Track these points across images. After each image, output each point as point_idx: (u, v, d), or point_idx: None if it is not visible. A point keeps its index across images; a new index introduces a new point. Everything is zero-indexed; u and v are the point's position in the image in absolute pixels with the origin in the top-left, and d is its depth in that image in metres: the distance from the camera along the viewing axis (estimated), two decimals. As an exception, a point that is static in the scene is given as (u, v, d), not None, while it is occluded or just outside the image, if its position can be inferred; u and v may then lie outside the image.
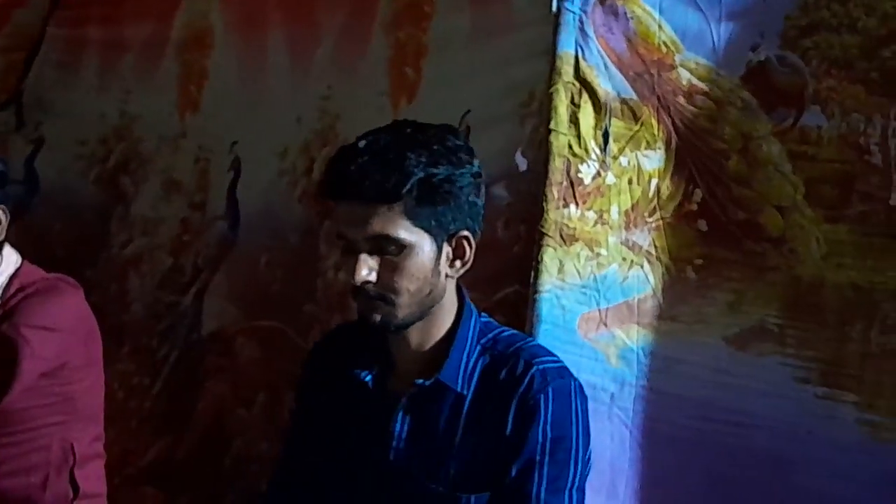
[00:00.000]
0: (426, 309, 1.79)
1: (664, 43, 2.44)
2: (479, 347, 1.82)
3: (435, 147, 1.74)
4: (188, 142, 3.54)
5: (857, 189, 2.37)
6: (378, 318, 1.76)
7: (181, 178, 3.54)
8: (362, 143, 1.74)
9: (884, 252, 2.35)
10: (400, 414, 1.81)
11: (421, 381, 1.80)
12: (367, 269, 1.73)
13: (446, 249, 1.78)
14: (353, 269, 1.73)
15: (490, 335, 1.84)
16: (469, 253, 1.80)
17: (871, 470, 2.30)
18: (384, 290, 1.75)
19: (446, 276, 1.80)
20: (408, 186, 1.71)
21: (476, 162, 1.79)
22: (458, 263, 1.80)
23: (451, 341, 1.81)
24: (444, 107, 2.59)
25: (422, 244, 1.75)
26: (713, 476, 2.38)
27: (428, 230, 1.75)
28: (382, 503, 1.82)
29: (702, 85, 2.44)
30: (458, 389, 1.79)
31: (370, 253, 1.73)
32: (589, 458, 1.79)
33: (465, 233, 1.79)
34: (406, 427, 1.81)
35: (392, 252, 1.74)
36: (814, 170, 2.40)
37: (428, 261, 1.76)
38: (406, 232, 1.73)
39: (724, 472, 2.37)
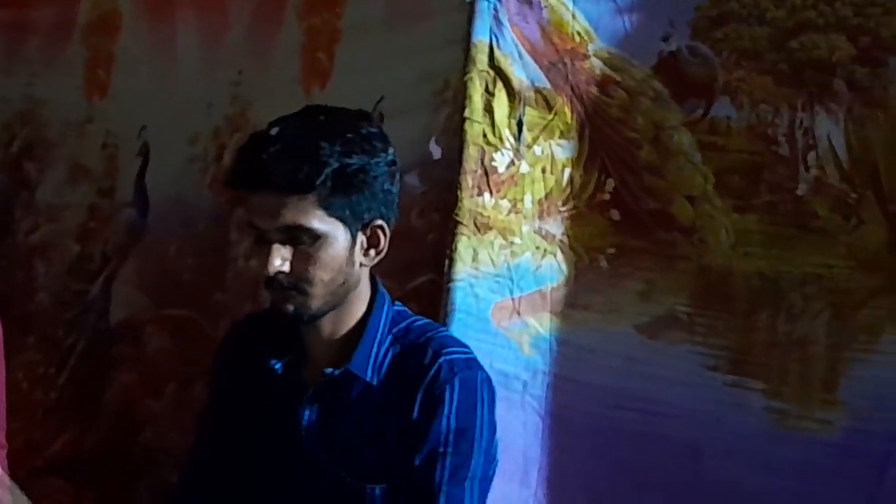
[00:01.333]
0: (340, 299, 1.78)
1: (577, 32, 2.44)
2: (390, 337, 1.83)
3: (349, 135, 1.73)
4: (95, 127, 3.47)
5: (765, 179, 2.41)
6: (291, 308, 1.75)
7: (88, 163, 3.47)
8: (274, 131, 1.72)
9: (791, 242, 2.39)
10: (309, 402, 1.81)
11: (330, 370, 1.79)
12: (279, 260, 1.72)
13: (360, 238, 1.77)
14: (265, 260, 1.71)
15: (402, 324, 1.84)
16: (383, 242, 1.79)
17: (778, 457, 2.34)
18: (297, 281, 1.73)
19: (360, 265, 1.79)
20: (321, 177, 1.69)
21: (391, 150, 1.78)
22: (372, 252, 1.79)
23: (362, 330, 1.81)
24: (358, 94, 2.56)
25: (336, 234, 1.73)
26: (624, 463, 2.40)
27: (342, 220, 1.74)
28: (292, 493, 1.81)
29: (614, 75, 2.45)
30: (368, 379, 1.79)
31: (283, 243, 1.72)
32: (494, 450, 1.80)
33: (380, 221, 1.78)
34: (315, 416, 1.81)
35: (305, 242, 1.72)
36: (723, 160, 2.43)
37: (342, 251, 1.75)
38: (319, 222, 1.71)
39: (634, 460, 2.40)
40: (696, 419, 2.38)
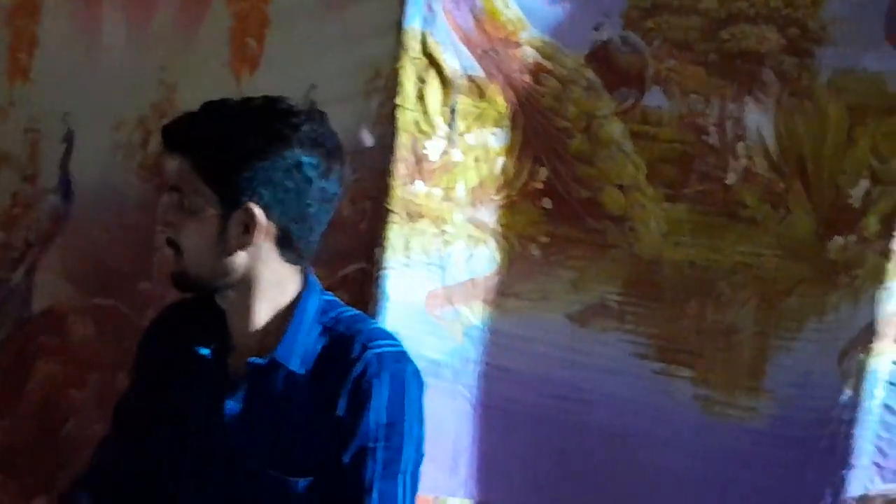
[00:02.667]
0: (221, 276, 1.76)
1: (510, 20, 2.44)
2: (319, 326, 1.80)
3: (262, 117, 1.74)
4: (17, 112, 3.41)
5: (695, 169, 2.43)
6: (174, 268, 1.78)
7: (10, 149, 3.41)
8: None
9: (720, 231, 2.41)
10: (234, 392, 1.78)
11: (255, 359, 1.77)
12: (161, 215, 1.76)
13: (237, 218, 1.75)
14: None
15: (331, 314, 1.82)
16: (256, 229, 1.75)
17: (705, 443, 2.37)
18: (176, 241, 1.77)
19: (240, 247, 1.76)
20: (202, 142, 1.72)
21: (313, 154, 1.76)
22: (246, 238, 1.76)
23: (289, 319, 1.79)
24: (288, 81, 2.54)
25: (208, 206, 1.74)
26: (555, 451, 2.41)
27: (219, 192, 1.73)
28: (214, 484, 1.79)
29: (547, 63, 2.45)
30: (294, 369, 1.77)
31: (172, 202, 1.76)
32: (424, 444, 1.80)
33: (255, 207, 1.75)
34: (239, 406, 1.78)
35: (186, 206, 1.74)
36: (654, 150, 2.44)
37: (212, 224, 1.74)
38: (193, 188, 1.74)
39: (565, 448, 2.41)
40: (626, 407, 2.40)
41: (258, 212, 1.74)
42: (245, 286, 1.78)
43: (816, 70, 2.39)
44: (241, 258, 1.76)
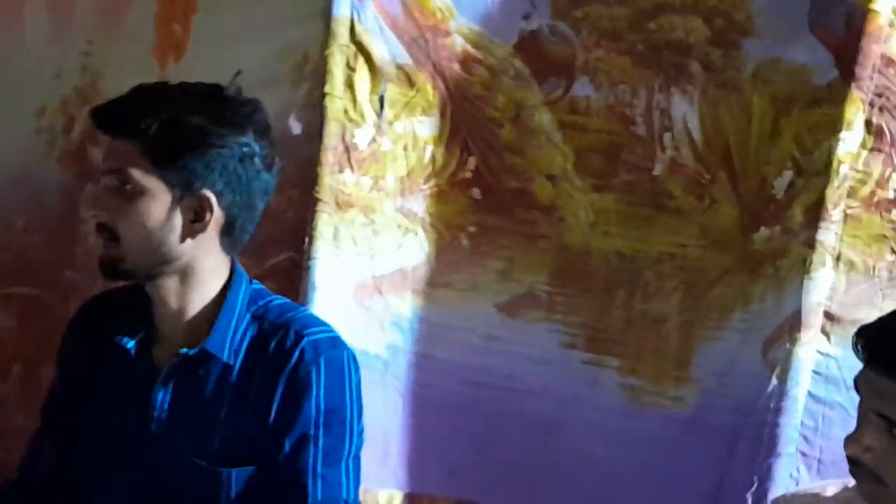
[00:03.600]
0: (162, 264, 1.73)
1: (439, 8, 2.43)
2: (248, 316, 1.79)
3: (205, 101, 1.71)
4: (-65, 95, 3.32)
5: (623, 159, 2.44)
6: (103, 255, 1.73)
7: (-73, 134, 3.32)
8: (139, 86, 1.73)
9: (647, 221, 2.43)
10: (162, 383, 1.76)
11: (186, 349, 1.75)
12: (91, 200, 1.72)
13: (186, 205, 1.73)
14: None
15: (261, 303, 1.81)
16: (208, 216, 1.74)
17: (632, 432, 2.39)
18: (109, 228, 1.72)
19: (189, 234, 1.74)
20: (147, 124, 1.68)
21: (263, 142, 1.75)
22: (197, 225, 1.75)
23: (218, 309, 1.77)
24: (215, 67, 2.49)
25: (155, 191, 1.70)
26: (484, 441, 2.41)
27: (166, 178, 1.70)
28: (142, 477, 1.77)
29: (476, 52, 2.45)
30: (225, 359, 1.75)
31: (107, 186, 1.71)
32: (363, 429, 1.79)
33: (208, 193, 1.73)
34: (169, 397, 1.76)
35: (124, 191, 1.70)
36: (582, 140, 2.45)
37: (159, 211, 1.71)
38: (140, 173, 1.70)
39: (494, 437, 2.41)
40: (554, 396, 2.41)
41: (213, 199, 1.72)
42: (182, 275, 1.76)
43: (742, 61, 2.41)
44: (186, 246, 1.74)
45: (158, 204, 1.70)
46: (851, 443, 1.44)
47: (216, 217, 1.73)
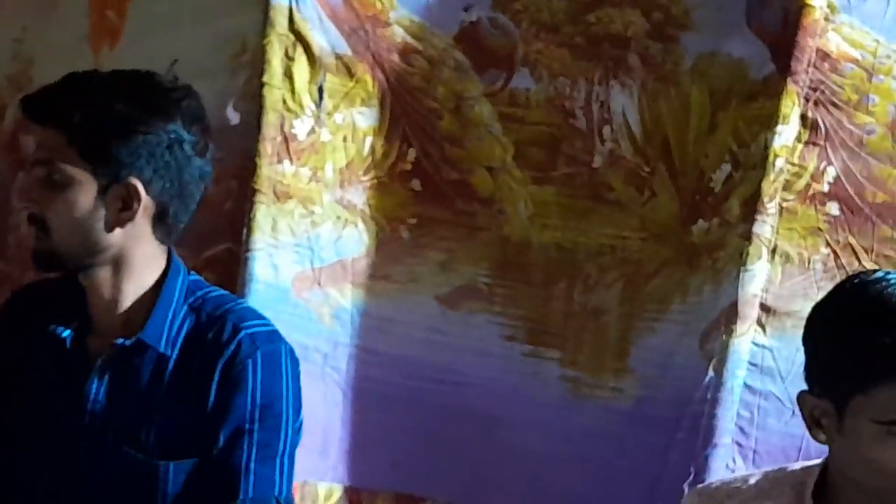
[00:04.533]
0: (93, 254, 1.71)
1: (379, -1, 2.43)
2: (185, 307, 1.77)
3: (134, 89, 1.69)
4: None
5: (563, 152, 2.44)
6: (33, 246, 1.72)
7: None
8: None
9: (587, 213, 2.43)
10: (97, 375, 1.74)
11: (122, 340, 1.73)
12: (20, 192, 1.70)
13: (114, 194, 1.71)
14: None
15: (198, 295, 1.79)
16: (135, 205, 1.72)
17: (571, 425, 2.40)
18: (39, 220, 1.70)
19: (118, 224, 1.72)
20: (77, 114, 1.67)
21: (192, 130, 1.74)
22: (125, 215, 1.72)
23: (155, 299, 1.75)
24: (150, 55, 2.46)
25: (81, 180, 1.69)
26: (424, 434, 2.41)
27: (93, 166, 1.69)
28: (77, 470, 1.74)
29: (416, 43, 2.44)
30: (162, 349, 1.73)
31: (38, 177, 1.69)
32: (300, 425, 1.78)
33: (135, 181, 1.71)
34: (103, 389, 1.74)
35: (53, 181, 1.68)
36: (522, 132, 2.45)
37: (86, 199, 1.70)
38: (67, 162, 1.68)
39: (434, 430, 2.41)
40: (494, 389, 2.41)
41: (140, 187, 1.70)
42: (115, 265, 1.74)
43: (680, 55, 2.42)
44: (116, 235, 1.72)
45: (85, 194, 1.69)
46: None
47: (146, 205, 1.72)
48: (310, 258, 2.36)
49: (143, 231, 1.74)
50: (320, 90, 2.37)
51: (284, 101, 2.34)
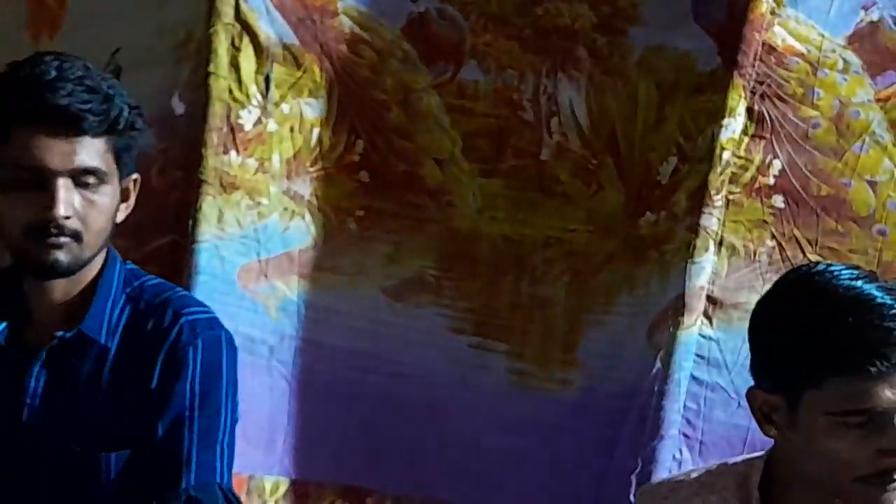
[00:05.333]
0: (98, 252, 1.69)
1: (327, -12, 2.41)
2: (124, 297, 1.76)
3: (111, 78, 1.69)
4: None
5: (510, 144, 2.45)
6: (64, 258, 1.67)
7: None
8: (53, 70, 1.64)
9: (534, 206, 2.43)
10: (36, 368, 1.71)
11: (61, 333, 1.70)
12: (67, 205, 1.64)
13: (129, 186, 1.72)
14: (48, 204, 1.62)
15: (136, 284, 1.78)
16: (132, 197, 1.74)
17: (518, 417, 2.40)
18: (78, 228, 1.66)
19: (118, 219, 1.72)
20: (115, 118, 1.66)
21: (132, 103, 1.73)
22: (124, 206, 1.73)
23: (93, 291, 1.73)
24: (92, 43, 2.43)
25: (114, 181, 1.69)
26: (371, 427, 2.40)
27: (119, 167, 1.69)
28: (15, 465, 1.72)
29: (364, 34, 2.43)
30: (103, 341, 1.72)
31: (68, 186, 1.65)
32: (237, 411, 1.78)
33: (136, 175, 1.72)
34: (42, 382, 1.72)
35: (91, 186, 1.66)
36: (471, 124, 2.45)
37: (115, 199, 1.70)
38: (106, 166, 1.67)
39: (381, 423, 2.40)
40: (441, 381, 2.41)
41: (138, 178, 1.74)
42: None
43: (628, 48, 2.43)
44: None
45: (114, 192, 1.69)
46: None
47: None
48: (256, 250, 2.34)
49: None
50: (267, 80, 2.36)
51: (231, 91, 2.32)
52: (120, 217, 1.74)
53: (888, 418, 1.41)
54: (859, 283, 1.45)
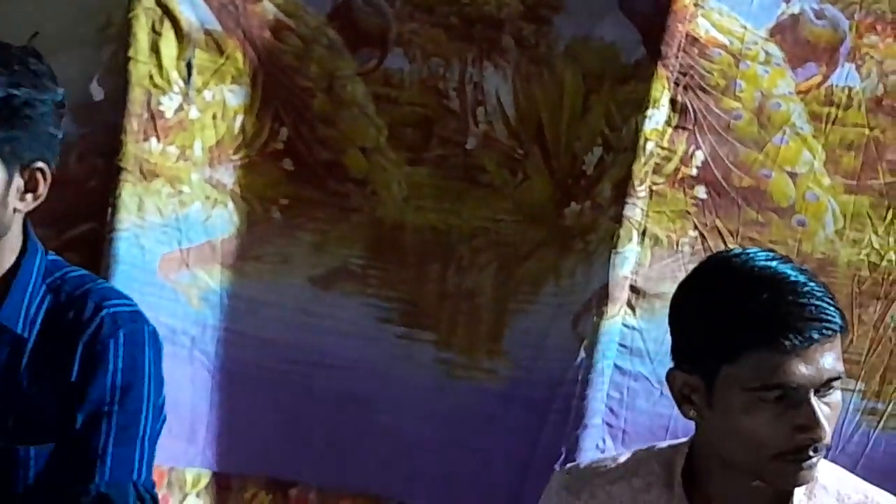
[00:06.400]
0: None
1: (250, -26, 2.38)
2: (44, 287, 1.70)
3: (16, 67, 1.61)
4: None
5: (436, 133, 2.44)
6: None
7: None
8: None
9: (460, 195, 2.43)
10: (-50, 361, 1.66)
11: (-24, 323, 1.65)
12: None
13: (18, 180, 1.65)
14: None
15: (57, 275, 1.72)
16: (42, 187, 1.68)
17: (445, 406, 2.40)
18: None
19: (15, 209, 1.66)
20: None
21: (60, 91, 1.67)
22: (29, 197, 1.67)
23: (11, 280, 1.67)
24: (8, 27, 2.37)
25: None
26: (295, 418, 2.39)
27: (5, 156, 1.61)
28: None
29: (288, 21, 2.41)
30: (20, 331, 1.66)
31: None
32: (162, 409, 1.73)
33: (41, 164, 1.66)
34: (-43, 374, 1.66)
35: None
36: (396, 112, 2.44)
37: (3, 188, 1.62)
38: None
39: (306, 414, 2.39)
40: (368, 371, 2.40)
41: (44, 167, 1.64)
42: None
43: (554, 38, 2.43)
44: (11, 221, 1.65)
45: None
46: (822, 432, 1.43)
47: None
48: (177, 239, 2.31)
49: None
50: (189, 66, 2.33)
51: (151, 77, 2.30)
52: (21, 206, 1.69)
53: (802, 394, 1.43)
54: (774, 263, 1.48)
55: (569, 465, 1.75)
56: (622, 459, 1.61)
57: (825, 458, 1.52)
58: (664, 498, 1.54)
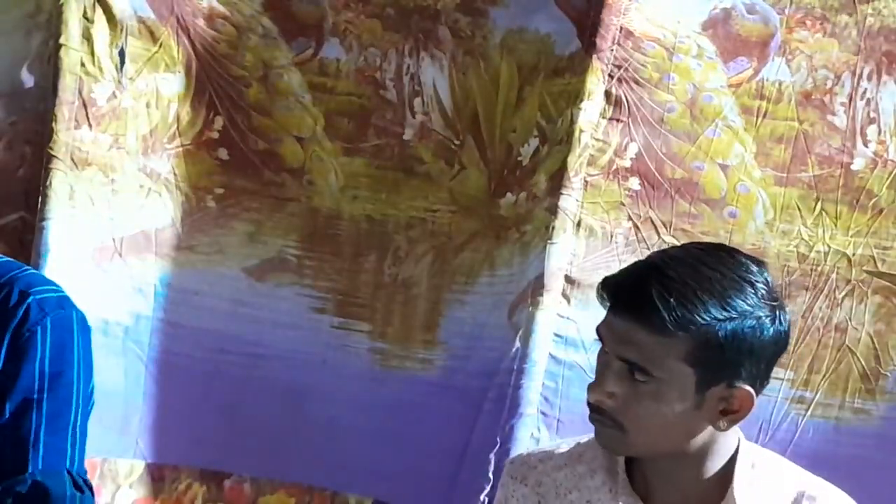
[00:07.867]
0: None
1: (179, -39, 2.36)
2: (-31, 276, 1.68)
3: None
4: None
5: (373, 123, 2.43)
6: None
7: None
8: None
9: (397, 185, 2.43)
10: None
11: None
12: None
13: None
14: None
15: (-18, 263, 1.70)
16: None
17: (379, 396, 2.40)
18: None
19: None
20: None
21: None
22: None
23: (-65, 269, 1.65)
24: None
25: None
26: (229, 408, 2.38)
27: None
28: None
29: (223, 9, 2.39)
30: (-56, 323, 1.64)
31: None
32: (91, 395, 1.71)
33: None
34: None
35: None
36: (332, 102, 2.43)
37: None
38: None
39: (240, 405, 2.38)
40: (303, 362, 2.39)
41: None
42: None
43: (489, 29, 2.44)
44: None
45: None
46: (594, 389, 1.48)
47: None
48: (110, 228, 2.29)
49: None
50: (121, 54, 2.31)
51: (83, 64, 2.27)
52: None
53: (609, 355, 1.47)
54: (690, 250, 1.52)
55: (513, 455, 1.77)
56: (566, 448, 1.63)
57: (756, 443, 1.55)
58: (608, 484, 1.56)
